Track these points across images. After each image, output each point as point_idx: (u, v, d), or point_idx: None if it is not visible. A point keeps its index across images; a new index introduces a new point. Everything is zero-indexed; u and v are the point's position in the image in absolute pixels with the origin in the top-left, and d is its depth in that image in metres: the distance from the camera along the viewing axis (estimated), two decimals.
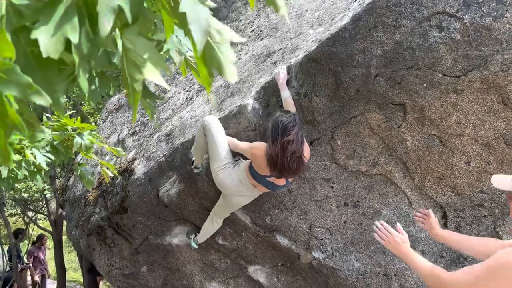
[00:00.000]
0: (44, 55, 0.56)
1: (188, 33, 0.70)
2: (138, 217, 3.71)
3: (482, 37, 2.19)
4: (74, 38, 0.59)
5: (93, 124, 6.12)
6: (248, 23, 4.43)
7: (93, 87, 0.91)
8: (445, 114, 2.45)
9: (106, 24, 0.61)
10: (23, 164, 2.06)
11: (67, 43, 0.62)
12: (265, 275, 3.63)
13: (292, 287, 3.56)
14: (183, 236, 3.72)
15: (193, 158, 3.23)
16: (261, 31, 4.05)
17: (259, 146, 2.62)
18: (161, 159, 3.52)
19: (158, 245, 3.81)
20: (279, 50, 3.35)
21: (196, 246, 3.62)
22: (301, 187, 3.03)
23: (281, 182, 2.71)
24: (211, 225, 3.36)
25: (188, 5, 0.70)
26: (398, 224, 1.99)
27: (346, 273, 3.09)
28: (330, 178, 2.95)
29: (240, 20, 4.57)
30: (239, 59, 3.91)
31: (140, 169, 3.67)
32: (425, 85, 2.40)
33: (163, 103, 4.49)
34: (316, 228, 3.11)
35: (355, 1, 2.77)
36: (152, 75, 0.70)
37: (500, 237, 2.65)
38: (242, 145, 2.78)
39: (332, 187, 2.97)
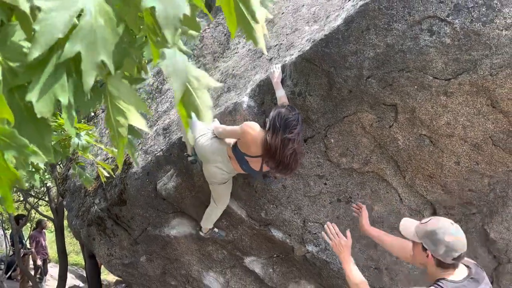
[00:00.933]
0: (38, 116, 0.64)
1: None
2: (137, 209, 3.82)
3: (472, 42, 2.24)
4: (64, 99, 0.67)
5: (93, 114, 6.20)
6: None
7: (85, 98, 0.98)
8: (436, 115, 2.52)
9: (90, 81, 0.68)
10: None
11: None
12: (261, 266, 3.76)
13: (287, 277, 3.69)
14: (181, 228, 3.84)
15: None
16: None
17: (254, 127, 2.55)
18: (158, 153, 3.60)
19: (157, 236, 3.93)
20: (275, 46, 3.39)
21: (203, 234, 3.62)
22: (295, 183, 3.12)
23: (256, 167, 2.69)
24: (212, 210, 3.34)
25: (167, 57, 0.77)
26: (348, 231, 2.23)
27: (339, 266, 3.20)
28: (324, 175, 3.04)
29: None
30: (236, 52, 3.95)
31: (138, 162, 3.76)
32: (416, 87, 2.46)
33: (161, 95, 4.56)
34: (309, 223, 3.21)
35: (349, 0, 2.80)
36: (136, 120, 0.77)
37: (488, 234, 2.75)
38: (231, 127, 2.71)
39: (325, 184, 3.06)
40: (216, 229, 3.58)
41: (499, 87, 2.30)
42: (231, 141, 2.76)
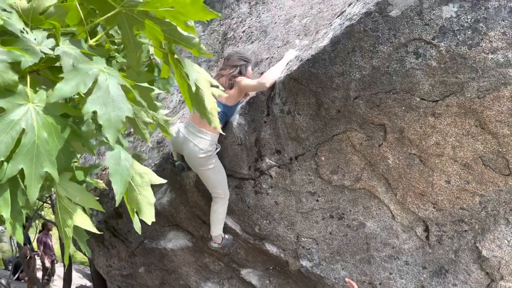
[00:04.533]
0: None
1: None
2: (133, 223, 3.89)
3: (458, 65, 2.24)
4: (6, 214, 0.71)
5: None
6: (240, 22, 4.45)
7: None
8: (424, 136, 2.53)
9: (34, 194, 0.72)
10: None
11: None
12: (257, 277, 3.81)
13: None
14: (177, 241, 3.91)
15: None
16: (252, 32, 4.08)
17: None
18: (152, 168, 3.65)
19: (154, 249, 4.00)
20: (266, 59, 3.40)
21: (217, 245, 3.37)
22: (288, 199, 3.15)
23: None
24: (218, 206, 3.24)
25: (112, 158, 0.81)
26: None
27: (333, 281, 3.25)
28: (316, 191, 3.07)
29: (233, 18, 4.59)
30: None
31: None
32: (403, 108, 2.47)
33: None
34: (303, 238, 3.25)
35: (337, 17, 2.80)
36: (81, 221, 0.81)
37: (480, 252, 2.77)
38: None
39: (317, 200, 3.09)
40: (226, 236, 3.40)
41: (487, 109, 2.31)
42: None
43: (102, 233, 4.74)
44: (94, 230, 0.81)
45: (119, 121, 0.75)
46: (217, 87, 1.11)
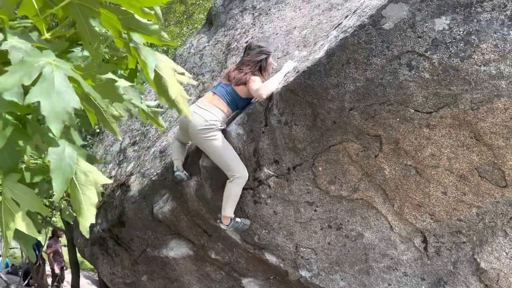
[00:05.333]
0: None
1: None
2: (135, 231, 3.95)
3: (451, 77, 2.25)
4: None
5: (98, 130, 6.36)
6: (244, 32, 4.51)
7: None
8: (420, 147, 2.54)
9: None
10: None
11: None
12: (258, 287, 3.83)
13: None
14: (178, 250, 3.94)
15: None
16: None
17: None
18: (154, 177, 3.71)
19: (156, 257, 4.05)
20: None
21: (225, 227, 3.21)
22: (286, 209, 3.18)
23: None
24: (232, 186, 3.09)
25: (54, 153, 0.81)
26: None
27: None
28: (314, 201, 3.08)
29: (236, 29, 4.66)
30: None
31: (135, 186, 3.88)
32: (398, 119, 2.48)
33: (162, 112, 4.67)
34: (302, 248, 3.26)
35: (334, 29, 2.84)
36: (22, 225, 0.82)
37: (478, 264, 2.75)
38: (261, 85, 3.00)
39: (315, 210, 3.10)
40: (238, 219, 3.26)
41: (481, 121, 2.31)
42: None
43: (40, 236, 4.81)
44: (36, 235, 0.82)
45: (64, 113, 0.71)
46: (183, 74, 1.09)
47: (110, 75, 0.87)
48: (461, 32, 2.22)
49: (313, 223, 3.16)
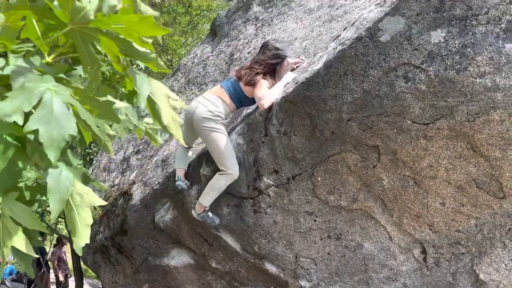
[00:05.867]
0: None
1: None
2: (137, 240, 3.98)
3: (447, 89, 2.28)
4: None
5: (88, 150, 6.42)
6: (246, 43, 4.57)
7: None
8: (417, 158, 2.56)
9: None
10: None
11: None
12: None
13: None
14: (180, 258, 3.97)
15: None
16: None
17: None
18: (155, 186, 3.76)
19: (157, 266, 4.07)
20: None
21: (196, 214, 3.29)
22: (286, 219, 3.20)
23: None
24: (219, 179, 3.11)
25: (51, 175, 0.85)
26: None
27: None
28: (313, 211, 3.10)
29: (239, 39, 4.72)
30: None
31: (137, 194, 3.93)
32: (395, 130, 2.51)
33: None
34: (301, 258, 3.27)
35: (333, 40, 2.88)
36: (20, 244, 0.85)
37: (477, 275, 2.75)
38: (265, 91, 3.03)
39: (315, 220, 3.12)
40: (210, 213, 3.32)
41: (477, 132, 2.33)
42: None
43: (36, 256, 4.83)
44: (32, 253, 0.84)
45: (61, 140, 0.74)
46: (176, 100, 1.15)
47: (108, 97, 0.92)
48: (457, 45, 2.25)
49: (313, 233, 3.18)
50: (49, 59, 0.85)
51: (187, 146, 3.46)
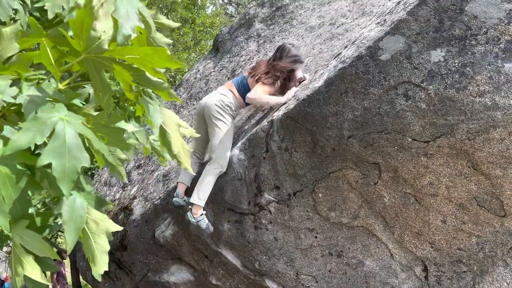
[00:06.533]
0: None
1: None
2: (137, 255, 3.97)
3: (447, 107, 2.31)
4: None
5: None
6: (248, 59, 4.63)
7: None
8: (418, 175, 2.57)
9: None
10: None
11: None
12: None
13: None
14: (179, 275, 3.95)
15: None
16: None
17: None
18: (156, 201, 3.76)
19: (157, 282, 4.05)
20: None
21: (193, 219, 3.20)
22: (287, 235, 3.19)
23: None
24: (208, 174, 3.17)
25: (66, 206, 0.86)
26: None
27: None
28: (314, 228, 3.10)
29: (241, 56, 4.78)
30: None
31: (138, 209, 3.93)
32: (396, 147, 2.53)
33: None
34: (302, 276, 3.26)
35: (334, 58, 2.92)
36: (32, 272, 0.85)
37: None
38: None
39: (316, 237, 3.12)
40: (207, 220, 3.24)
41: (477, 150, 2.35)
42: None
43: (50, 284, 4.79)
44: (44, 281, 0.84)
45: (74, 172, 0.76)
46: (186, 128, 1.18)
47: (119, 124, 0.94)
48: (456, 64, 2.28)
49: (314, 250, 3.17)
50: (61, 86, 0.87)
51: (196, 157, 3.48)
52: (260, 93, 3.13)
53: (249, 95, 3.14)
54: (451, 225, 2.66)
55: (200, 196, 3.17)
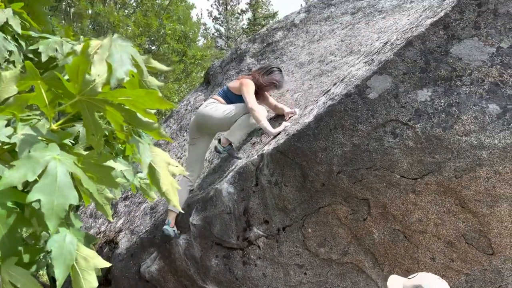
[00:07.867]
0: None
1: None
2: None
3: (434, 146, 2.36)
4: None
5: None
6: None
7: None
8: (407, 212, 2.59)
9: None
10: None
11: None
12: None
13: None
14: None
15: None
16: None
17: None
18: (143, 235, 3.71)
19: None
20: (259, 130, 3.57)
21: (221, 147, 3.42)
22: (276, 271, 3.16)
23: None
24: (244, 120, 3.43)
25: (55, 241, 0.87)
26: None
27: None
28: (303, 264, 3.08)
29: None
30: None
31: (123, 243, 3.87)
32: (384, 184, 2.56)
33: None
34: None
35: (323, 95, 2.99)
36: None
37: None
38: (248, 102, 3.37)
39: (305, 274, 3.09)
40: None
41: (464, 188, 2.39)
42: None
43: None
44: None
45: (62, 209, 0.77)
46: (176, 166, 1.20)
47: (109, 162, 0.96)
48: (443, 104, 2.35)
49: (303, 287, 3.13)
50: (54, 126, 0.89)
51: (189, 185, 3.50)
52: (254, 101, 3.33)
53: (251, 110, 3.30)
54: (440, 262, 2.66)
55: (234, 136, 3.45)
